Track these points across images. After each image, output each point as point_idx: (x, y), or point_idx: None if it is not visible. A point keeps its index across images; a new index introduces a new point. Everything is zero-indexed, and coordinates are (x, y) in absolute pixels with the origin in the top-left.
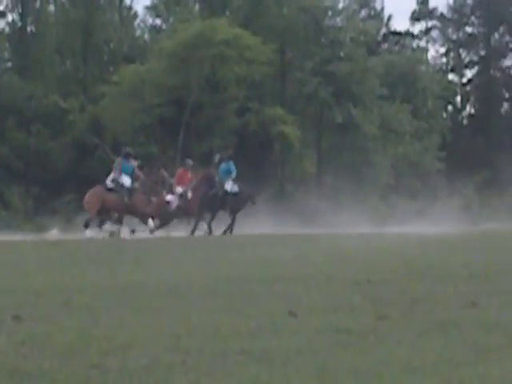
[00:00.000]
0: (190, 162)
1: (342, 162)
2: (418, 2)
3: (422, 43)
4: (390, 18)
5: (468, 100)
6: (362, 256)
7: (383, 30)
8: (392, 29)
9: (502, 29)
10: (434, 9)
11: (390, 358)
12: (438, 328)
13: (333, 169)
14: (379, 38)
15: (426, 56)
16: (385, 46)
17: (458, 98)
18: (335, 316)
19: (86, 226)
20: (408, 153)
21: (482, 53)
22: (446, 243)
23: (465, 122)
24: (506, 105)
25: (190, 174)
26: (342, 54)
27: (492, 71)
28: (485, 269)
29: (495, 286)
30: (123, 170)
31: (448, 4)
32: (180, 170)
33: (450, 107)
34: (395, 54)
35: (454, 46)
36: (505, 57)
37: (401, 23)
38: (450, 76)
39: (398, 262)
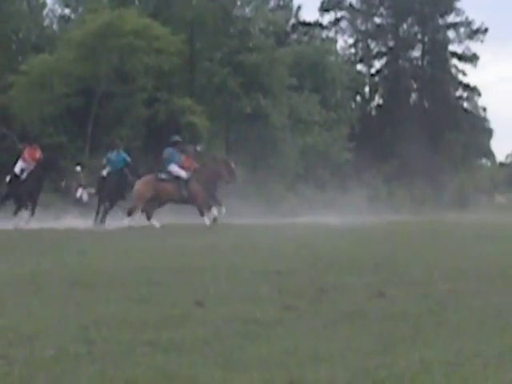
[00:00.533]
0: (198, 148)
1: (251, 152)
2: None
3: (331, 34)
4: (299, 8)
5: (376, 91)
6: (270, 246)
7: (292, 21)
8: (301, 19)
9: (410, 20)
10: None
11: (296, 348)
12: (345, 318)
13: (241, 159)
14: (288, 28)
15: (335, 47)
16: (294, 36)
17: (367, 89)
18: (242, 306)
19: (129, 214)
20: (317, 143)
21: (391, 44)
22: (353, 234)
23: (373, 112)
24: (414, 95)
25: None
26: (250, 45)
27: (400, 62)
28: (392, 259)
29: (402, 277)
30: (174, 160)
31: None
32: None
33: (358, 98)
34: (304, 44)
35: (362, 36)
36: (413, 48)
37: (310, 14)
38: (359, 67)
39: (306, 253)
